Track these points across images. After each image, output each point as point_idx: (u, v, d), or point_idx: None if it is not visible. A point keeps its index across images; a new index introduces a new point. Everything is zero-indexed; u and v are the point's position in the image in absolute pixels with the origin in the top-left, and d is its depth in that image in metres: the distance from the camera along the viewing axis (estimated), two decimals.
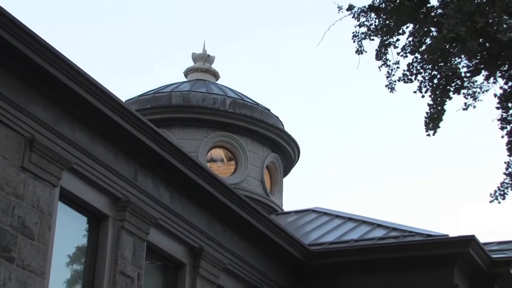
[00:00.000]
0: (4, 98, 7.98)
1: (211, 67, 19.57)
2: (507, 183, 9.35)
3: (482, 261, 12.43)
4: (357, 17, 10.20)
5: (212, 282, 10.98)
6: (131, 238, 9.54)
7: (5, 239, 7.76)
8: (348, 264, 12.68)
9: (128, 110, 9.36)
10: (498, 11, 9.16)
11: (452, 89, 9.87)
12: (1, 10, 7.67)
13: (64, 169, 8.64)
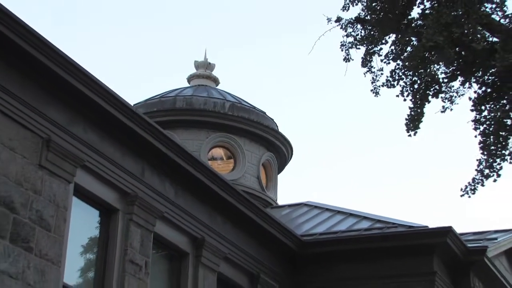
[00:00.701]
0: (23, 102, 7.98)
1: (212, 73, 19.59)
2: (478, 179, 9.38)
3: (458, 250, 12.45)
4: (344, 28, 10.22)
5: (213, 270, 10.97)
6: (139, 230, 9.54)
7: (24, 231, 7.77)
8: (337, 253, 12.66)
9: (136, 113, 9.36)
10: (473, 22, 9.19)
11: (431, 94, 9.89)
12: (25, 25, 7.69)
13: (78, 166, 8.64)
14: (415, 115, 9.77)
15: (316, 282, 12.68)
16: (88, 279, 9.25)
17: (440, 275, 12.28)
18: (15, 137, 7.87)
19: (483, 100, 9.60)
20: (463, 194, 9.44)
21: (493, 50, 9.15)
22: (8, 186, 7.67)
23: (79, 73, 8.39)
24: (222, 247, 11.14)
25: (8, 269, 7.51)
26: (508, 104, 9.45)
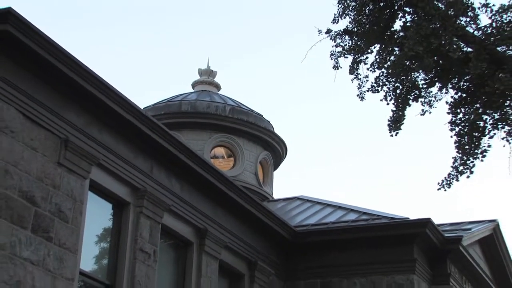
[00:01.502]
0: (44, 107, 8.00)
1: (214, 80, 19.59)
2: (453, 175, 9.39)
3: (436, 239, 12.47)
4: (334, 39, 10.19)
5: (215, 258, 10.98)
6: (148, 221, 9.55)
7: (45, 222, 7.79)
8: (326, 242, 12.68)
9: (146, 115, 9.38)
10: (449, 34, 9.20)
11: (412, 98, 9.86)
12: (48, 39, 7.70)
13: (93, 164, 8.65)
14: (397, 118, 9.75)
15: (308, 268, 12.68)
16: (102, 266, 9.26)
17: (420, 262, 12.31)
18: (36, 137, 7.89)
19: (458, 104, 9.59)
20: (440, 188, 9.43)
21: (467, 59, 9.15)
22: (30, 181, 7.69)
23: (95, 80, 8.41)
24: (223, 237, 11.15)
25: (31, 256, 7.54)
26: (480, 108, 9.44)
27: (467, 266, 13.54)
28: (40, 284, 7.60)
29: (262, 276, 12.08)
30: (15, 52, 7.60)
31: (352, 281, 12.31)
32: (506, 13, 9.24)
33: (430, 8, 9.29)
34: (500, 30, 9.18)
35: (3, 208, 7.31)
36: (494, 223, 14.88)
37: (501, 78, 8.84)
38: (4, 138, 7.45)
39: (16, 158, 7.56)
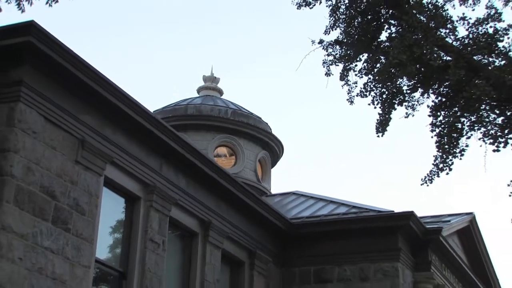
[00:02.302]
0: (63, 110, 8.00)
1: (217, 86, 19.57)
2: (434, 171, 9.38)
3: (419, 230, 12.47)
4: (326, 48, 10.17)
5: (218, 247, 10.97)
6: (157, 214, 9.54)
7: (63, 215, 7.80)
8: (320, 233, 12.66)
9: (155, 118, 9.37)
10: (430, 44, 9.19)
11: (397, 102, 9.83)
12: (71, 51, 7.71)
13: (107, 162, 8.65)
14: (383, 120, 9.74)
15: (302, 257, 12.66)
16: (116, 254, 9.26)
17: (403, 251, 12.30)
18: (56, 138, 7.89)
19: (438, 108, 9.58)
20: (423, 183, 9.43)
21: (447, 67, 9.14)
22: (50, 178, 7.69)
23: (109, 86, 8.41)
24: (225, 228, 11.14)
25: (51, 246, 7.55)
26: (459, 111, 9.43)
27: (446, 255, 13.53)
28: (60, 271, 7.61)
29: (261, 263, 12.08)
30: (37, 61, 7.60)
31: (342, 268, 12.28)
32: (482, 25, 9.25)
33: (413, 20, 9.29)
34: (476, 41, 9.18)
35: (26, 202, 7.32)
36: (471, 215, 14.90)
37: (477, 84, 8.84)
38: (27, 138, 7.46)
39: (37, 156, 7.57)
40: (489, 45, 9.08)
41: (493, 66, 9.04)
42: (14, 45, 7.37)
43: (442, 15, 9.43)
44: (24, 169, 7.35)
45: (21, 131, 7.39)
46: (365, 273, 12.12)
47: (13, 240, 7.08)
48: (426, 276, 12.67)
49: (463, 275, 14.69)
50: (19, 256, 7.13)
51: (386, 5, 9.69)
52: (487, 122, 9.30)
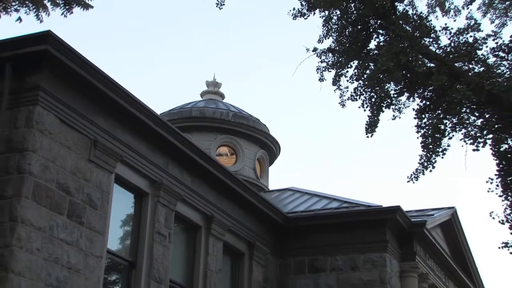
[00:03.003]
0: (77, 113, 8.01)
1: (219, 90, 19.54)
2: (420, 169, 9.39)
3: (405, 224, 12.47)
4: (319, 55, 10.17)
5: (220, 239, 10.96)
6: (163, 209, 9.54)
7: (78, 209, 7.82)
8: (313, 226, 12.63)
9: (162, 120, 9.37)
10: (415, 52, 9.21)
11: (384, 105, 9.82)
12: (84, 59, 7.71)
13: (118, 161, 8.66)
14: (372, 122, 9.73)
15: (297, 248, 12.64)
16: (125, 246, 9.26)
17: (391, 242, 12.30)
18: (70, 138, 7.90)
19: (423, 111, 9.58)
20: (409, 180, 9.42)
21: (430, 73, 9.15)
22: (65, 175, 7.71)
23: (119, 90, 8.42)
24: (226, 222, 11.13)
25: (66, 238, 7.57)
26: (442, 113, 9.44)
27: (430, 246, 13.54)
28: (75, 261, 7.63)
29: (259, 254, 12.07)
30: (53, 68, 7.61)
31: (334, 258, 12.27)
32: (462, 35, 9.28)
33: (400, 30, 9.31)
34: (457, 49, 9.21)
35: (43, 197, 7.33)
36: (452, 209, 14.90)
37: (458, 89, 8.86)
38: (44, 139, 7.48)
39: (54, 155, 7.58)
40: (469, 53, 9.10)
41: (473, 72, 9.06)
42: (32, 53, 7.39)
43: (426, 25, 9.46)
44: (42, 167, 7.37)
45: (39, 132, 7.41)
46: (355, 263, 12.11)
47: (31, 233, 7.10)
48: (411, 265, 12.66)
49: (445, 265, 14.70)
50: (37, 247, 7.15)
51: (374, 16, 9.71)
52: (467, 124, 9.31)
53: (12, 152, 7.26)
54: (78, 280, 7.64)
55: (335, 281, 12.12)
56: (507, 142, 9.10)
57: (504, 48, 9.06)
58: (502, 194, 9.10)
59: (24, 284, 6.91)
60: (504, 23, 10.21)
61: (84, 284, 7.72)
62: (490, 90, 8.61)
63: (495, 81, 8.66)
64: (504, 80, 8.72)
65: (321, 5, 9.75)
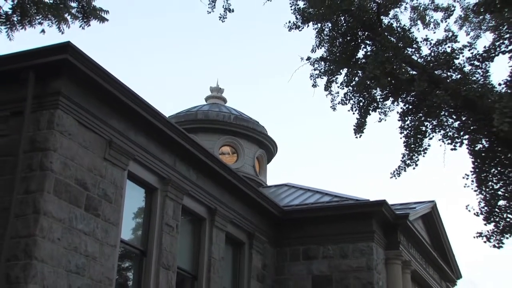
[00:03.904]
0: (94, 116, 8.03)
1: (222, 95, 19.54)
2: (402, 167, 9.41)
3: (390, 216, 12.47)
4: (312, 64, 10.19)
5: (223, 230, 10.95)
6: (171, 203, 9.54)
7: (94, 203, 7.83)
8: (307, 218, 12.62)
9: (170, 122, 9.38)
10: (399, 61, 9.23)
11: (371, 109, 9.84)
12: (100, 67, 7.73)
13: (130, 159, 8.66)
14: (360, 124, 9.75)
15: (293, 238, 12.64)
16: (137, 236, 9.27)
17: (377, 233, 12.31)
18: (88, 139, 7.92)
19: (406, 114, 9.60)
20: (391, 176, 9.47)
21: (413, 80, 9.17)
22: (83, 172, 7.72)
23: (132, 96, 8.42)
24: (228, 214, 11.13)
25: (84, 228, 7.59)
26: (423, 116, 9.46)
27: (412, 236, 13.56)
28: (91, 249, 7.65)
29: (258, 244, 12.08)
30: (72, 75, 7.63)
31: (326, 247, 12.27)
32: (441, 45, 9.32)
33: (385, 41, 9.34)
34: (437, 58, 9.24)
35: (63, 192, 7.36)
36: (433, 203, 14.91)
37: (438, 94, 8.89)
38: (64, 139, 7.50)
39: (72, 154, 7.60)
40: (447, 62, 9.14)
41: (450, 79, 9.09)
42: (53, 62, 7.41)
43: (409, 37, 9.49)
44: (62, 164, 7.39)
45: (59, 133, 7.43)
46: (345, 251, 12.12)
47: (52, 224, 7.13)
48: (395, 253, 12.68)
49: (426, 253, 14.73)
50: (58, 237, 7.17)
51: (362, 28, 9.74)
52: (446, 125, 9.34)
53: (36, 151, 7.28)
54: (95, 266, 7.66)
55: (326, 268, 12.13)
56: (481, 142, 9.14)
57: (479, 57, 9.10)
58: (477, 189, 9.15)
59: (46, 270, 6.94)
60: (478, 35, 10.27)
61: (100, 270, 7.74)
62: (466, 96, 8.64)
63: (470, 88, 8.69)
64: (479, 86, 8.75)
65: (314, 18, 9.79)
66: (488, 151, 9.12)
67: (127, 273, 9.11)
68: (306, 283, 12.17)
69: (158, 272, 8.95)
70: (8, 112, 7.56)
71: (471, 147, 9.18)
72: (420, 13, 9.88)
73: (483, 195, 9.11)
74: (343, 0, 9.40)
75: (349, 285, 11.85)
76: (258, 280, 11.89)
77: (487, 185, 9.09)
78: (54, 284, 7.02)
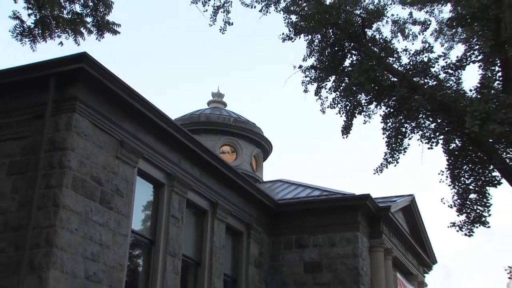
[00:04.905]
0: (107, 118, 8.05)
1: (222, 100, 19.51)
2: (384, 164, 9.49)
3: (373, 208, 12.50)
4: (304, 71, 10.25)
5: (223, 221, 10.95)
6: (177, 197, 9.54)
7: (108, 197, 7.86)
8: (299, 210, 12.63)
9: (176, 124, 9.39)
10: (382, 69, 9.31)
11: (357, 112, 9.92)
12: (113, 74, 7.74)
13: (140, 158, 8.67)
14: (347, 125, 9.81)
15: (286, 228, 12.65)
16: (146, 226, 9.28)
17: (362, 223, 12.35)
18: (102, 139, 7.95)
19: (388, 116, 9.68)
20: (375, 173, 9.54)
21: (394, 86, 9.26)
22: (98, 169, 7.75)
23: (141, 100, 8.44)
24: (228, 207, 11.14)
25: (98, 220, 7.63)
26: (403, 119, 9.55)
27: (394, 226, 13.60)
28: (105, 239, 7.69)
29: (255, 233, 12.08)
30: (88, 82, 7.66)
31: (316, 236, 12.30)
32: (419, 55, 9.42)
33: (369, 51, 9.42)
34: (415, 67, 9.34)
35: (80, 187, 7.39)
36: (411, 196, 14.92)
37: (416, 99, 8.99)
38: (80, 140, 7.54)
39: (88, 153, 7.63)
40: (424, 70, 9.23)
41: (427, 85, 9.19)
42: (71, 70, 7.45)
43: (390, 48, 9.58)
44: (78, 162, 7.43)
45: (76, 134, 7.47)
46: (333, 240, 12.14)
47: (71, 216, 7.17)
48: (378, 242, 12.71)
49: (405, 241, 14.78)
50: (75, 227, 7.22)
51: (348, 39, 9.82)
52: (423, 127, 9.43)
53: (55, 151, 7.32)
54: (108, 254, 7.70)
55: (317, 255, 12.16)
56: (455, 142, 9.25)
57: (452, 66, 9.21)
58: (450, 183, 9.26)
59: (65, 257, 6.99)
60: (451, 46, 10.38)
61: (113, 257, 7.78)
62: (441, 100, 8.74)
63: (445, 93, 8.79)
64: (452, 92, 8.85)
65: (305, 31, 9.86)
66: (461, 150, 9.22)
67: (137, 260, 9.14)
68: (299, 269, 12.21)
69: (165, 259, 8.98)
70: (31, 116, 7.61)
71: (445, 146, 9.28)
72: (400, 26, 9.98)
73: (456, 189, 9.22)
74: (331, 15, 9.47)
75: (337, 270, 11.90)
76: (255, 266, 11.93)
77: (460, 180, 9.19)
78: (72, 269, 7.07)
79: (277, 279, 12.31)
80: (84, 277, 7.24)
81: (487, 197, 9.04)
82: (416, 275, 15.84)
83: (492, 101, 8.13)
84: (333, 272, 11.90)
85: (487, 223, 8.96)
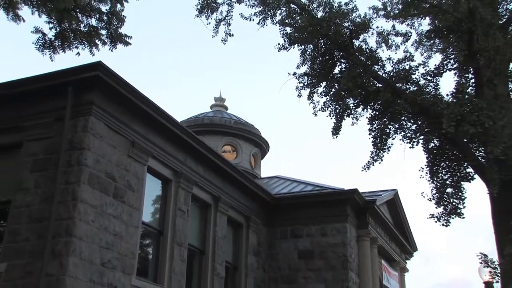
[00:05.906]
0: (120, 121, 8.09)
1: (224, 103, 19.56)
2: (370, 162, 9.53)
3: (360, 201, 12.54)
4: (297, 78, 10.25)
5: (225, 214, 10.97)
6: (183, 191, 9.56)
7: (121, 192, 7.90)
8: (294, 204, 12.65)
9: (182, 126, 9.41)
10: (368, 76, 9.36)
11: (346, 115, 9.92)
12: (125, 81, 7.76)
13: (149, 156, 8.70)
14: (337, 127, 9.80)
15: (282, 220, 12.66)
16: (156, 218, 9.30)
17: (350, 215, 12.39)
18: (115, 140, 7.98)
19: (374, 118, 9.70)
20: (363, 170, 9.58)
21: (379, 91, 9.31)
22: (112, 166, 7.79)
23: (151, 105, 8.47)
24: (229, 201, 11.16)
25: (112, 213, 7.68)
26: (387, 120, 9.60)
27: (379, 217, 13.63)
28: (118, 229, 7.74)
29: (254, 225, 12.10)
30: (103, 88, 7.71)
31: (309, 227, 12.33)
32: (401, 63, 9.48)
33: (356, 60, 9.48)
34: (398, 74, 9.40)
35: (95, 183, 7.44)
36: (395, 191, 14.95)
37: (399, 103, 9.05)
38: (96, 140, 7.59)
39: (103, 152, 7.68)
40: (406, 77, 9.30)
41: (409, 91, 9.26)
42: (88, 78, 7.50)
43: (375, 56, 9.65)
44: (94, 161, 7.48)
45: (92, 135, 7.52)
46: (325, 231, 12.19)
47: (87, 209, 7.23)
48: (365, 232, 12.76)
49: (389, 231, 14.82)
50: (92, 219, 7.28)
51: (338, 49, 9.87)
52: (405, 128, 9.49)
53: (73, 150, 7.38)
54: (121, 243, 7.75)
55: (309, 244, 12.21)
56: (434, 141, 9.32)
57: (431, 73, 9.28)
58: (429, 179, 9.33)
59: (83, 246, 7.06)
60: (430, 56, 10.46)
61: (125, 246, 7.83)
62: (422, 104, 8.81)
63: (425, 97, 8.86)
64: (431, 96, 8.93)
65: (299, 41, 9.91)
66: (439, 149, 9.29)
67: (148, 248, 9.18)
68: (293, 256, 12.26)
69: (173, 248, 9.02)
70: (52, 119, 7.68)
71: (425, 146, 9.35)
72: (384, 38, 10.05)
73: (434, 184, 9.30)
74: (322, 27, 9.54)
75: (328, 257, 11.96)
76: (254, 254, 11.97)
77: (438, 176, 9.27)
78: (89, 257, 7.14)
79: (273, 265, 12.36)
80: (100, 264, 7.30)
81: (462, 191, 9.12)
82: (399, 262, 15.94)
83: (466, 105, 8.22)
84: (324, 259, 11.95)
85: (462, 214, 9.04)
